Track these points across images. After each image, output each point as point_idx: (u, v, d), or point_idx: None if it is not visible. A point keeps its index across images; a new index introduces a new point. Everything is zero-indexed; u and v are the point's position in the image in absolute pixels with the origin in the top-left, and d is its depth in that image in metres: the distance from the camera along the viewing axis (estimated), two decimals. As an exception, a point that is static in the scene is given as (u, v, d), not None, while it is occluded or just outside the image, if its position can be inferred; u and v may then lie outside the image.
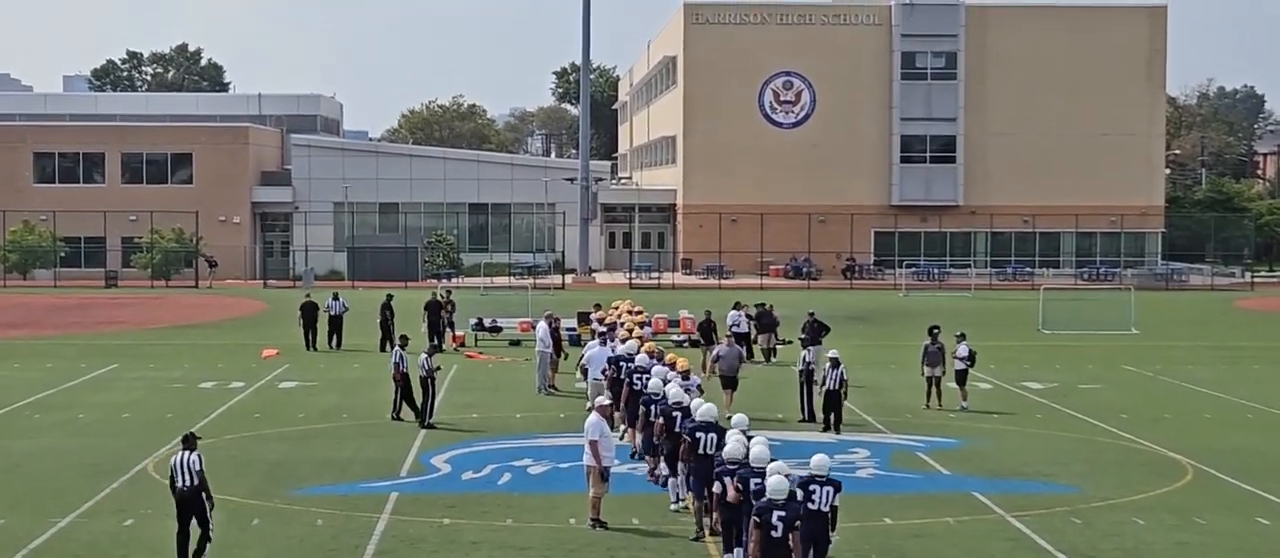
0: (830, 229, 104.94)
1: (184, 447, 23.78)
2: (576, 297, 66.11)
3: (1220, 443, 35.78)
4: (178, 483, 23.38)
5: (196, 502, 23.34)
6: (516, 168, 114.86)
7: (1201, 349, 59.43)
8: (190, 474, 23.35)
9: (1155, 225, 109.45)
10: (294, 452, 33.91)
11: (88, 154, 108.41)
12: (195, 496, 23.33)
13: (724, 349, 41.11)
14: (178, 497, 23.38)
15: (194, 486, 23.32)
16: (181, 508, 23.38)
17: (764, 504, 20.16)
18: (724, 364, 40.15)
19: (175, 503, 23.45)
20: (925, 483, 30.71)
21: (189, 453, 23.59)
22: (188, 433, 24.38)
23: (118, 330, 65.86)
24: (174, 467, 23.58)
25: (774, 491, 20.19)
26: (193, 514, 23.37)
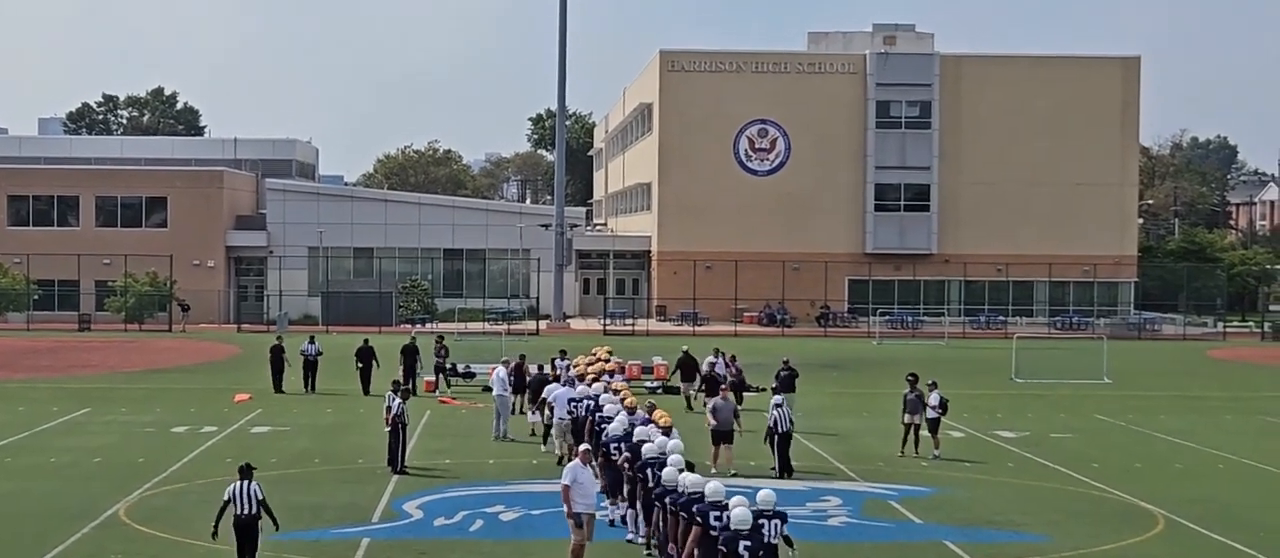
0: (804, 277, 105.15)
1: (241, 477, 25.33)
2: (550, 343, 66.08)
3: (1191, 493, 35.88)
4: (235, 510, 25.01)
5: (254, 529, 25.05)
6: (491, 214, 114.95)
7: (1173, 399, 59.62)
8: (252, 502, 25.06)
9: (1128, 275, 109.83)
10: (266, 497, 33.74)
11: (62, 197, 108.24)
12: (254, 522, 25.05)
13: (720, 402, 38.50)
14: (237, 523, 25.00)
15: (253, 513, 25.03)
16: (241, 534, 25.03)
17: (730, 536, 20.65)
18: (720, 417, 37.91)
19: (235, 530, 24.99)
20: (897, 532, 30.74)
21: (247, 482, 25.19)
22: (244, 464, 25.79)
23: (90, 374, 65.68)
24: (231, 494, 25.18)
25: (738, 521, 20.73)
26: (250, 537, 25.02)
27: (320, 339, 60.67)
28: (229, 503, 25.28)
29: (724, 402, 38.53)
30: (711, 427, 38.10)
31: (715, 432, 37.91)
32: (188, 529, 29.74)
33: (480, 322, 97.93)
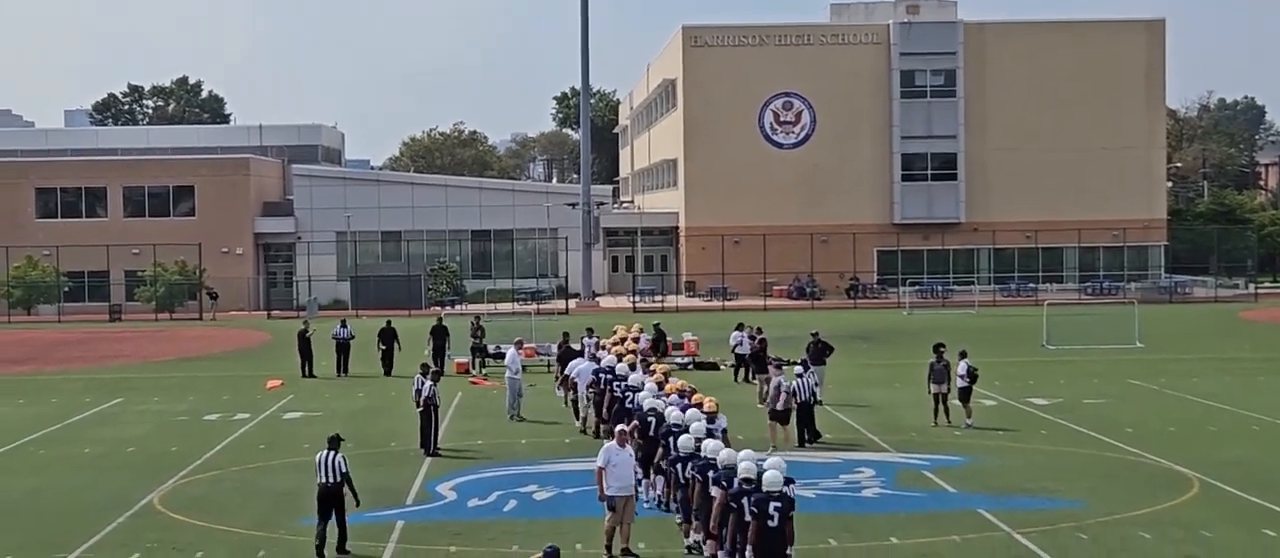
0: (833, 249, 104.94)
1: (329, 447, 26.64)
2: (580, 321, 66.08)
3: (1226, 455, 35.74)
4: (320, 479, 26.21)
5: (338, 497, 26.15)
6: (518, 194, 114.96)
7: (1206, 362, 59.38)
8: (335, 472, 26.21)
9: (1158, 239, 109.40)
10: (300, 482, 33.81)
11: (90, 188, 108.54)
12: (338, 491, 26.17)
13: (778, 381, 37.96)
14: (320, 492, 26.14)
15: (336, 482, 26.16)
16: (323, 503, 26.14)
17: (761, 497, 21.24)
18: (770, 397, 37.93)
19: (317, 498, 26.16)
20: (931, 502, 30.67)
21: (334, 453, 26.44)
22: (333, 435, 27.28)
23: (122, 364, 65.88)
24: (319, 463, 26.44)
25: (769, 483, 21.35)
26: (334, 509, 26.11)
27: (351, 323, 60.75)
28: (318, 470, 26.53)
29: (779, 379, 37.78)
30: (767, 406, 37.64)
31: (772, 411, 37.43)
32: (222, 516, 29.83)
33: (510, 302, 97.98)
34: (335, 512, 26.30)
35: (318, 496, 26.36)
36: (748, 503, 21.66)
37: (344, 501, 26.47)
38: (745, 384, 51.64)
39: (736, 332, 54.81)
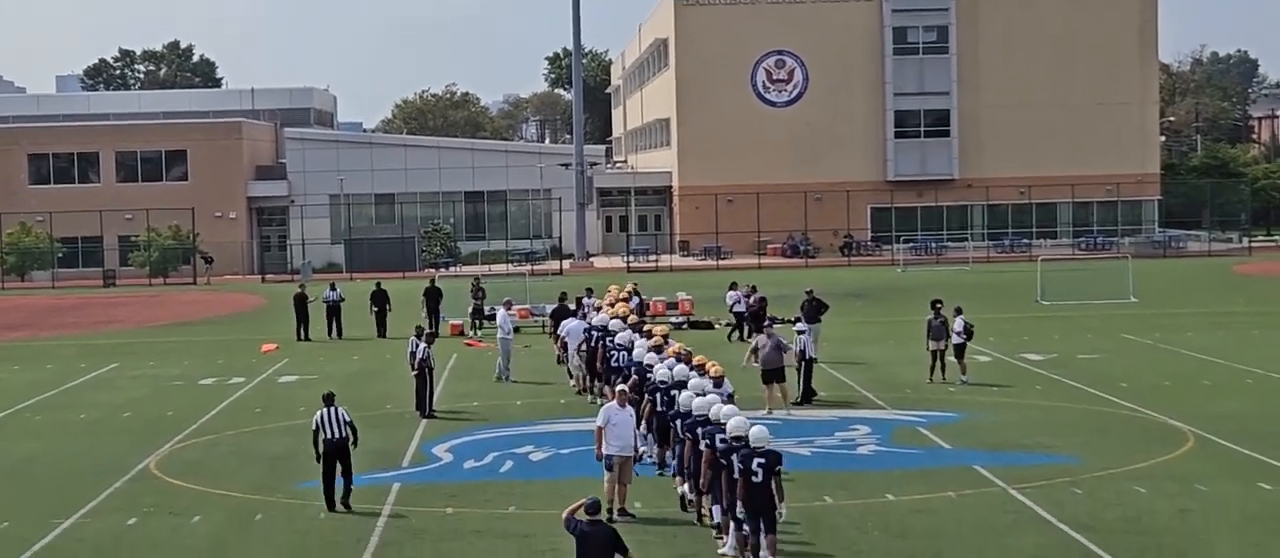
0: (826, 207, 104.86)
1: (325, 405, 27.17)
2: (574, 282, 66.06)
3: (1220, 409, 35.81)
4: (325, 435, 26.72)
5: (345, 451, 26.72)
6: (511, 155, 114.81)
7: (1200, 316, 59.45)
8: (340, 426, 26.81)
9: (1151, 193, 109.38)
10: (296, 445, 33.84)
11: (82, 154, 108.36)
12: (344, 445, 26.75)
13: (763, 339, 37.25)
14: (326, 448, 26.67)
15: (342, 436, 26.76)
16: (328, 458, 26.64)
17: (746, 453, 21.54)
18: (763, 355, 36.66)
19: (323, 454, 26.68)
20: (927, 458, 30.73)
21: (333, 409, 26.99)
22: (326, 392, 27.92)
23: (116, 329, 65.86)
24: (318, 421, 26.90)
25: (756, 439, 21.66)
26: (341, 463, 26.63)
27: (342, 286, 60.72)
28: (318, 430, 26.85)
29: (768, 338, 37.09)
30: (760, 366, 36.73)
31: (764, 371, 36.66)
32: (219, 480, 29.86)
33: (504, 263, 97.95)
34: (342, 466, 26.78)
35: (324, 452, 26.78)
36: (736, 460, 21.93)
37: (350, 455, 26.94)
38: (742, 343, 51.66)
39: (732, 291, 54.81)
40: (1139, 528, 24.12)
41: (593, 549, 18.33)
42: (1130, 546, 22.95)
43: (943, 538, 23.75)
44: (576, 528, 18.59)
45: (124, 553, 24.10)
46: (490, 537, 24.52)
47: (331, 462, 26.75)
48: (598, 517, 18.60)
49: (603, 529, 18.45)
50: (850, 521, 24.99)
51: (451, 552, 23.62)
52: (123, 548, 24.45)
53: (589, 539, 18.37)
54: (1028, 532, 24.14)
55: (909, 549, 23.13)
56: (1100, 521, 24.63)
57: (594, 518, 18.54)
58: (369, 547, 24.08)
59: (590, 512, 18.59)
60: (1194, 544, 23.06)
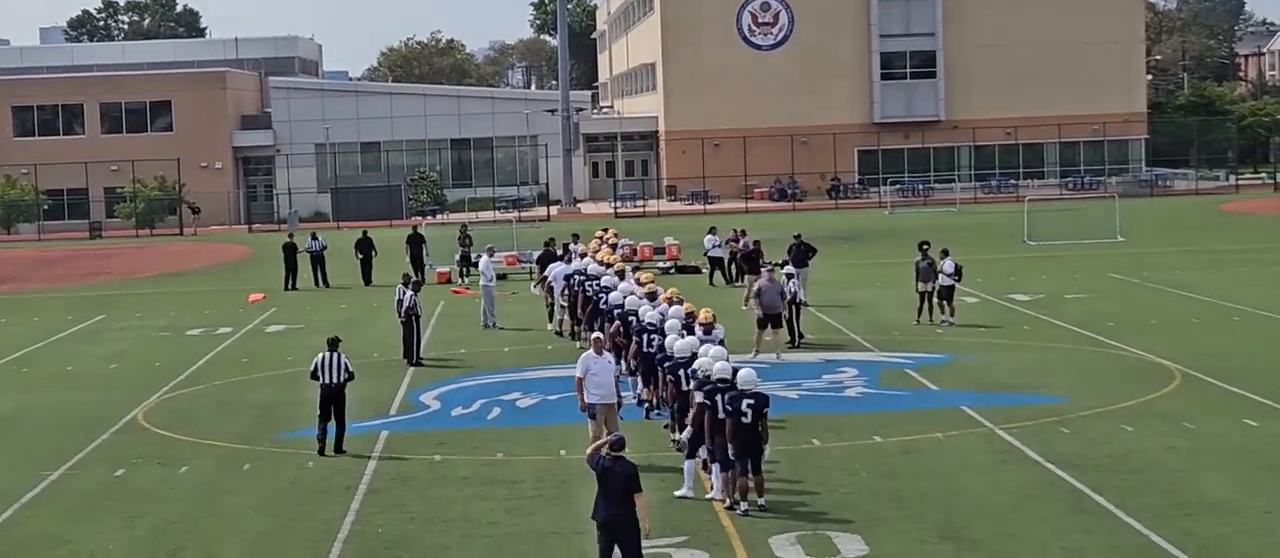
0: (813, 150, 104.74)
1: (329, 349, 27.29)
2: (562, 228, 66.01)
3: (1207, 347, 35.86)
4: (323, 379, 26.90)
5: (341, 397, 26.94)
6: (497, 102, 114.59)
7: (1187, 254, 59.52)
8: (340, 371, 26.99)
9: (1138, 132, 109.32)
10: (283, 395, 33.91)
11: (67, 106, 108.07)
12: (340, 391, 26.95)
13: (765, 283, 36.77)
14: (324, 392, 26.87)
15: (340, 382, 26.96)
16: (325, 403, 26.85)
17: (735, 394, 21.92)
18: (765, 299, 36.48)
19: (320, 398, 26.91)
20: (914, 400, 30.75)
21: (334, 354, 27.13)
22: (332, 337, 27.96)
23: (103, 281, 65.76)
24: (317, 365, 27.17)
25: (743, 381, 22.02)
26: (335, 409, 26.82)
27: (328, 235, 60.63)
28: (316, 372, 27.13)
29: (770, 283, 36.83)
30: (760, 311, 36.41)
31: (763, 315, 36.32)
32: (206, 431, 29.84)
33: (491, 210, 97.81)
34: (336, 412, 26.94)
35: (320, 396, 27.00)
36: (722, 401, 22.12)
37: (345, 401, 27.14)
38: (729, 287, 51.66)
39: (709, 236, 54.92)
40: (1126, 466, 24.17)
41: (614, 484, 18.29)
42: (1117, 484, 22.99)
43: (930, 478, 23.78)
44: (599, 463, 18.59)
45: (112, 504, 24.08)
46: (478, 483, 24.52)
47: (327, 407, 26.95)
48: (622, 453, 18.60)
49: (625, 465, 18.43)
50: (838, 462, 25.02)
51: (439, 498, 23.62)
52: (111, 499, 24.43)
53: (611, 474, 18.36)
54: (1015, 471, 24.18)
55: (896, 490, 23.16)
56: (1087, 459, 24.68)
57: (618, 454, 18.54)
58: (357, 494, 24.08)
59: (615, 448, 18.63)
60: (1181, 481, 23.10)
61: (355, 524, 22.30)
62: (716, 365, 22.75)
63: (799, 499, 22.71)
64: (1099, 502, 22.07)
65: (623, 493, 18.13)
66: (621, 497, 18.12)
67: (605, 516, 18.21)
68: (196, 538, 21.93)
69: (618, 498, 18.14)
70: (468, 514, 22.64)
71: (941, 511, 21.87)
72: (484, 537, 21.36)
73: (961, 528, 20.91)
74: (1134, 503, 21.84)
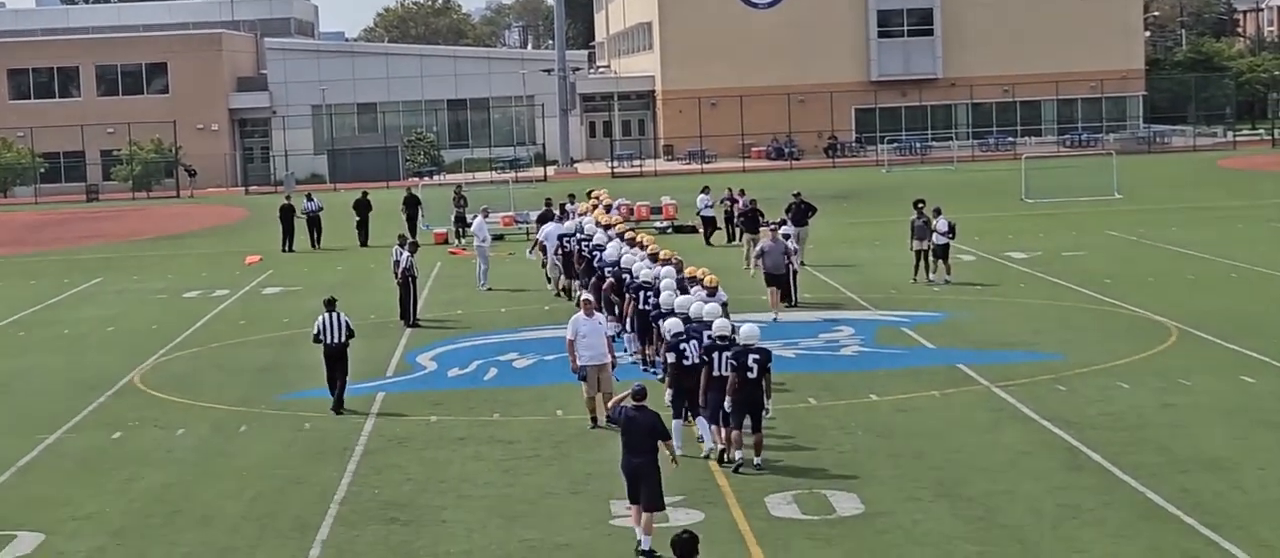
0: (810, 109, 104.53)
1: (327, 310, 27.64)
2: (559, 188, 65.94)
3: (1204, 304, 35.85)
4: (326, 339, 27.21)
5: (344, 356, 27.31)
6: (494, 62, 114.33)
7: (1184, 211, 59.48)
8: (341, 331, 27.28)
9: (1136, 89, 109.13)
10: (280, 357, 33.94)
11: (62, 69, 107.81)
12: (343, 350, 27.29)
13: (768, 244, 36.52)
14: (327, 352, 27.24)
15: (342, 341, 27.24)
16: (330, 362, 27.26)
17: (740, 349, 22.01)
18: (769, 261, 36.24)
19: (324, 358, 27.31)
20: (911, 358, 30.76)
21: (334, 314, 27.44)
22: (328, 298, 28.51)
23: (100, 244, 65.73)
24: (320, 326, 27.40)
25: (746, 337, 22.16)
26: (340, 363, 27.21)
27: (324, 197, 60.57)
28: (319, 335, 27.34)
29: (773, 243, 36.50)
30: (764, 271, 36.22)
31: (768, 274, 36.15)
32: (203, 393, 29.85)
33: (488, 171, 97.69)
34: (339, 370, 27.33)
35: (324, 357, 27.32)
36: (719, 358, 22.22)
37: (347, 360, 27.41)
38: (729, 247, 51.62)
39: (702, 195, 54.89)
40: (1122, 423, 24.18)
41: (638, 435, 18.71)
42: (1113, 441, 23.00)
43: (926, 437, 23.80)
44: (622, 414, 19.03)
45: (109, 466, 24.10)
46: (474, 444, 24.54)
47: (332, 364, 27.30)
48: (644, 403, 18.97)
49: (648, 415, 18.83)
50: (834, 421, 25.04)
51: (436, 459, 23.64)
52: (108, 462, 24.45)
53: (635, 424, 18.76)
54: (1011, 429, 24.19)
55: (893, 448, 23.18)
56: (1083, 416, 24.69)
57: (640, 404, 18.91)
58: (354, 455, 24.09)
59: (637, 397, 18.97)
60: (1177, 438, 23.11)
61: (352, 486, 22.32)
62: (717, 323, 22.82)
63: (795, 458, 22.72)
64: (1095, 459, 22.08)
65: (646, 442, 18.62)
66: (645, 446, 18.62)
67: (629, 465, 18.71)
68: (193, 500, 21.95)
69: (641, 447, 18.65)
70: (464, 475, 22.65)
71: (937, 468, 21.88)
72: (480, 497, 21.38)
73: (957, 486, 20.93)
74: (1129, 460, 21.85)
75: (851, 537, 18.82)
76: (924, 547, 18.33)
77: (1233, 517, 18.99)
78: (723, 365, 22.18)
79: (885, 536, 18.84)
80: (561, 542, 19.13)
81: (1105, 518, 19.18)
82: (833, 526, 19.36)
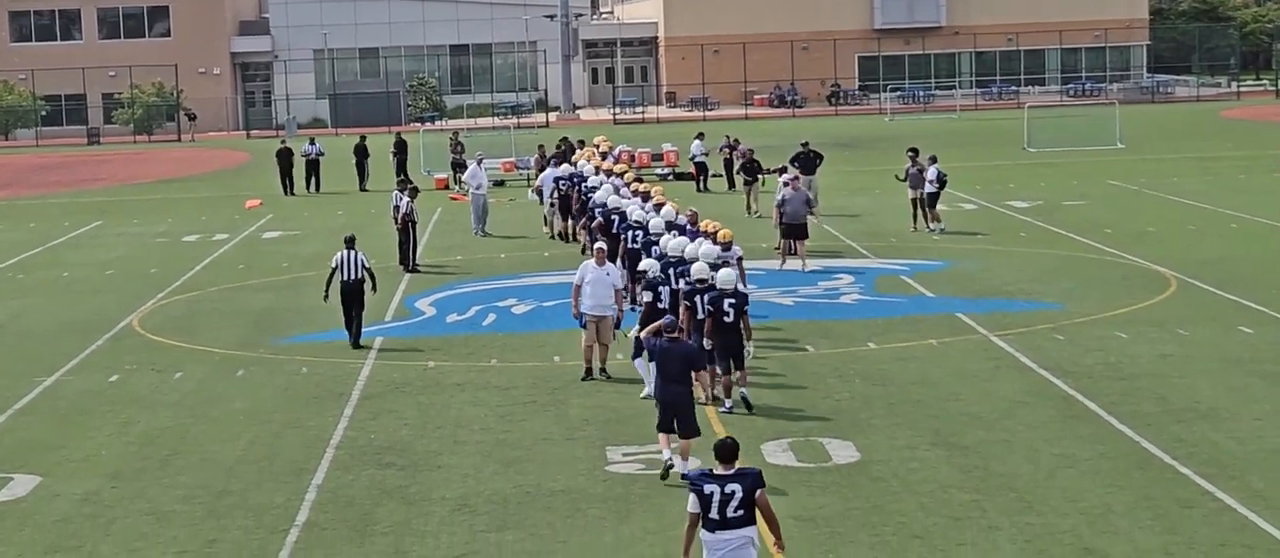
0: (813, 56, 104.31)
1: (346, 247, 28.36)
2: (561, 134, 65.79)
3: (1204, 254, 35.80)
4: (342, 276, 27.87)
5: (360, 291, 27.99)
6: (496, 7, 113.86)
7: (1187, 161, 59.38)
8: (357, 268, 27.96)
9: (1140, 38, 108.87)
10: (279, 301, 33.94)
11: (64, 11, 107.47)
12: (360, 286, 27.97)
13: (789, 193, 35.14)
14: (344, 289, 27.91)
15: (359, 278, 27.94)
16: (346, 298, 27.93)
17: (716, 295, 22.30)
18: (789, 209, 34.94)
19: (341, 294, 27.92)
20: (910, 306, 30.72)
21: (352, 252, 28.15)
22: (348, 235, 29.17)
23: (101, 187, 65.69)
24: (338, 263, 28.02)
25: (723, 281, 22.35)
26: (356, 300, 27.93)
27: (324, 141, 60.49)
28: (336, 270, 27.96)
29: (794, 192, 35.36)
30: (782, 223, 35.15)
31: (787, 225, 35.06)
32: (201, 337, 29.83)
33: (490, 117, 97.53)
34: (357, 307, 28.06)
35: (341, 294, 27.93)
36: (701, 301, 22.44)
37: (364, 297, 28.11)
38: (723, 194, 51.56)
39: (697, 141, 54.87)
40: (1119, 373, 24.16)
41: (671, 365, 19.44)
42: (1110, 390, 22.98)
43: (923, 385, 23.78)
44: (655, 347, 19.90)
45: (106, 409, 24.11)
46: (472, 390, 24.53)
47: (349, 303, 27.96)
48: (676, 335, 19.91)
49: (682, 346, 19.81)
50: (832, 369, 25.02)
51: (433, 405, 23.64)
52: (105, 404, 24.46)
53: (669, 355, 19.52)
54: (1008, 377, 24.17)
55: (889, 396, 23.17)
56: (1080, 365, 24.67)
57: (673, 336, 19.79)
58: (350, 401, 24.09)
59: (669, 330, 19.88)
60: (1173, 388, 23.09)
61: (348, 430, 22.32)
62: (696, 267, 23.00)
63: (792, 406, 22.72)
64: (1091, 408, 22.07)
65: (680, 372, 19.39)
66: (679, 375, 19.38)
67: (664, 394, 19.46)
68: (189, 444, 21.95)
69: (675, 376, 19.39)
70: (460, 420, 22.66)
71: (934, 417, 21.87)
72: (476, 443, 21.38)
73: (953, 434, 20.92)
74: (1126, 409, 21.84)
75: (847, 485, 18.82)
76: (919, 495, 18.34)
77: (1226, 467, 18.99)
78: (703, 309, 22.37)
79: (880, 483, 18.84)
80: (557, 488, 19.14)
81: (1100, 467, 19.18)
82: (828, 473, 19.36)
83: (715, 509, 13.58)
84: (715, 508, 13.58)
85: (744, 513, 13.62)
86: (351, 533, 17.71)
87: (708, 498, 13.60)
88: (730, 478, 13.70)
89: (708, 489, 13.62)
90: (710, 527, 13.65)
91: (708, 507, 13.60)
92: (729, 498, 13.60)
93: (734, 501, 13.58)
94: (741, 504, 13.61)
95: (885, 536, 16.99)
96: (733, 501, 13.58)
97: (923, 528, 17.18)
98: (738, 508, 13.60)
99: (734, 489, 13.62)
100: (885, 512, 17.76)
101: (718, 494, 13.58)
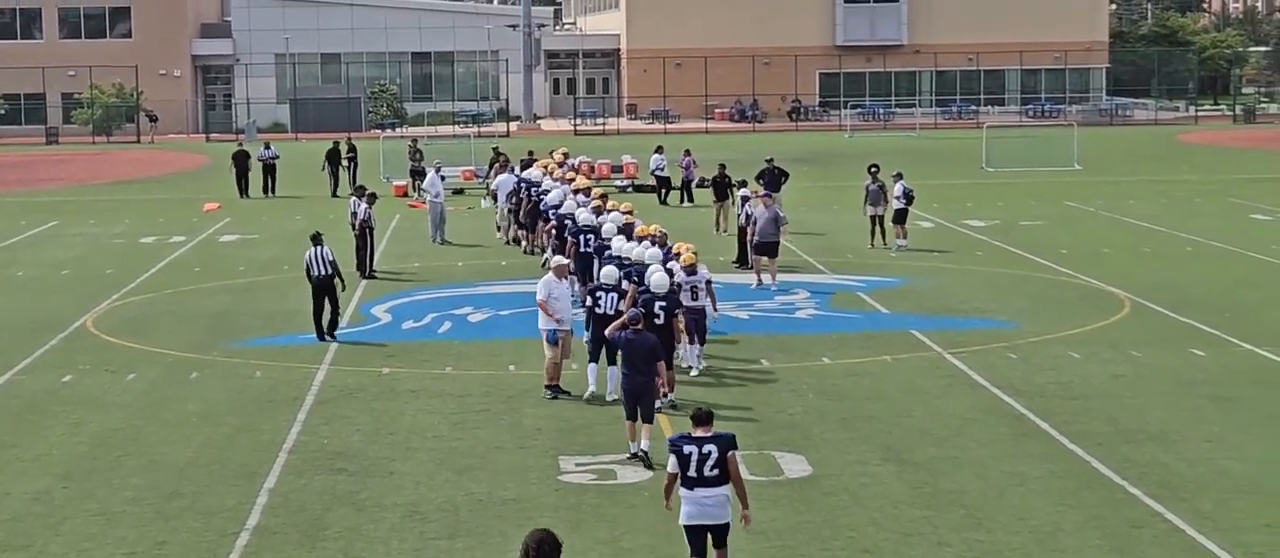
0: (775, 71, 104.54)
1: (314, 244, 29.19)
2: (521, 144, 65.82)
3: (1158, 277, 36.00)
4: (314, 273, 28.86)
5: (330, 286, 28.90)
6: (459, 16, 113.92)
7: (1143, 184, 59.73)
8: (325, 264, 28.82)
9: (1100, 61, 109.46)
10: (234, 305, 33.86)
11: (24, 9, 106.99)
12: (330, 281, 28.89)
13: (759, 211, 35.00)
14: (315, 284, 28.94)
15: (328, 273, 28.83)
16: (317, 292, 28.91)
17: (648, 297, 23.38)
18: (759, 228, 34.80)
19: (312, 289, 29.02)
20: (865, 322, 30.81)
21: (320, 248, 28.99)
22: (314, 232, 29.94)
23: (58, 187, 65.40)
24: (308, 260, 29.00)
25: (657, 285, 23.53)
26: (327, 296, 28.87)
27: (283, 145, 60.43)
28: (309, 268, 29.01)
29: (764, 210, 35.03)
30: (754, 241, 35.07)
31: (756, 245, 34.94)
32: (156, 338, 29.73)
33: (451, 125, 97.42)
34: (329, 300, 28.94)
35: (312, 289, 29.01)
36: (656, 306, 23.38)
37: (336, 289, 29.13)
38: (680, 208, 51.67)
39: (656, 155, 55.02)
40: (1071, 393, 24.28)
41: (636, 355, 20.57)
42: (1061, 410, 23.10)
43: (876, 401, 23.86)
44: (619, 339, 21.16)
45: (58, 409, 23.99)
46: (426, 397, 24.51)
47: (320, 297, 28.92)
48: (640, 327, 20.96)
49: (645, 337, 20.85)
50: (786, 383, 25.07)
51: (386, 411, 23.60)
52: (57, 404, 24.34)
53: (634, 347, 20.63)
54: (960, 395, 24.27)
55: (843, 412, 23.23)
56: (1033, 385, 24.78)
57: (637, 328, 20.87)
58: (304, 405, 24.03)
59: (633, 323, 20.95)
60: (1125, 409, 23.22)
61: (301, 435, 22.27)
62: (654, 278, 23.75)
63: (746, 419, 22.74)
64: (1042, 427, 22.18)
65: (644, 363, 20.45)
66: (644, 366, 20.44)
67: (629, 384, 20.56)
68: (141, 445, 21.87)
69: (639, 367, 20.46)
70: (414, 427, 22.63)
71: (886, 432, 21.95)
72: (429, 450, 21.36)
73: (905, 450, 21.00)
74: (1076, 429, 21.96)
75: (798, 499, 18.88)
76: (869, 510, 18.41)
77: (1176, 489, 19.11)
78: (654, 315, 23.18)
79: (832, 498, 18.91)
80: (508, 496, 19.14)
81: (1050, 486, 19.28)
82: (780, 487, 19.41)
83: (693, 468, 15.01)
84: (693, 466, 15.01)
85: (719, 472, 15.02)
86: (302, 538, 17.68)
87: (686, 458, 15.04)
88: (707, 440, 15.11)
89: (687, 450, 15.06)
90: (688, 485, 15.05)
91: (686, 465, 15.04)
92: (706, 458, 15.02)
93: (710, 460, 15.01)
94: (717, 464, 15.01)
95: (835, 550, 17.05)
96: (709, 460, 15.01)
97: (873, 543, 17.25)
98: (713, 467, 15.01)
99: (710, 450, 15.03)
100: (836, 526, 17.83)
101: (696, 454, 15.01)
